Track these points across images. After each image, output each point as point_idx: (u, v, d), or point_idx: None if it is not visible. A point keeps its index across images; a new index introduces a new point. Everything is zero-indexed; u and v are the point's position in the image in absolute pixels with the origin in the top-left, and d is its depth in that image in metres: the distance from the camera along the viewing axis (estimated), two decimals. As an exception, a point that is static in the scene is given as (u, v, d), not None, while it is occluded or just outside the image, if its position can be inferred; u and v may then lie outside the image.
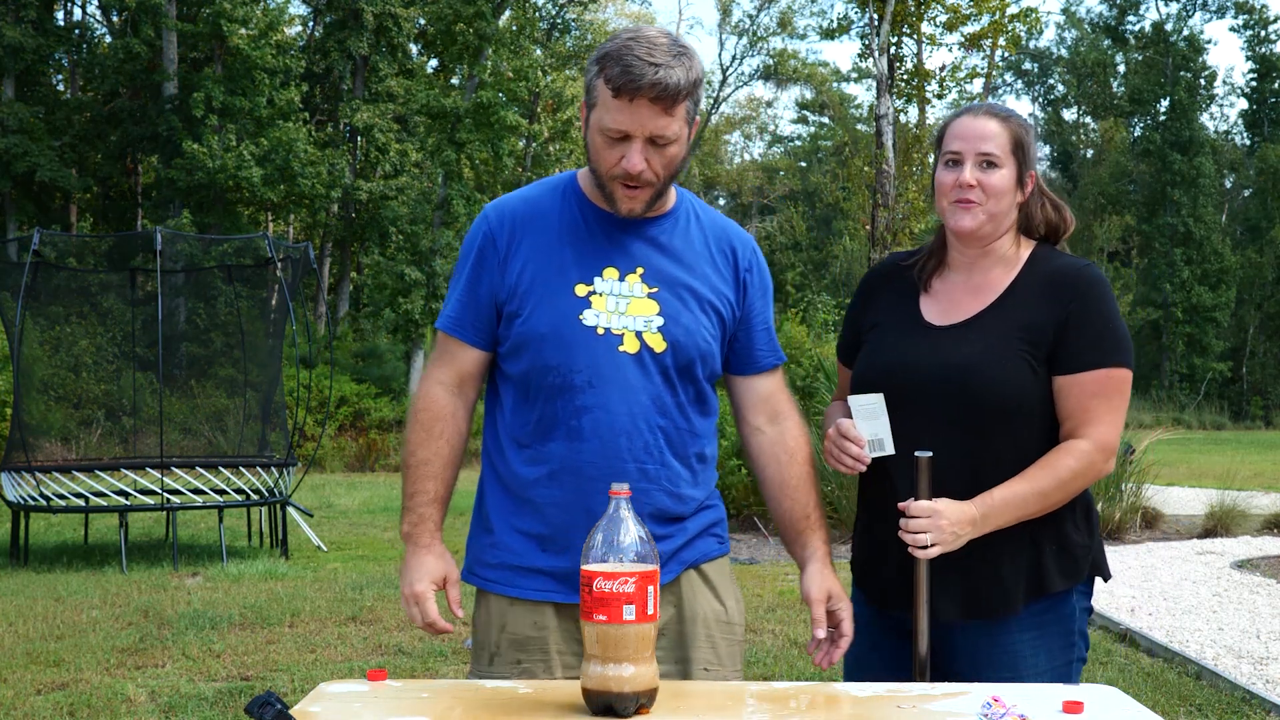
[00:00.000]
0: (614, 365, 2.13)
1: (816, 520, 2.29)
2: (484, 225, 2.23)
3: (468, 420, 2.25)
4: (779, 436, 2.31)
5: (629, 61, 2.01)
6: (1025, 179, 2.28)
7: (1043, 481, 2.17)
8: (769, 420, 2.33)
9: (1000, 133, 2.24)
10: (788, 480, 2.29)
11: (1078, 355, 2.20)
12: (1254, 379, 39.91)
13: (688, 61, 2.06)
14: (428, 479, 2.19)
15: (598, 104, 2.07)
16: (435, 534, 2.21)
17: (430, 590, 2.17)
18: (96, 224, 26.21)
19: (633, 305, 2.16)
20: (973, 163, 2.23)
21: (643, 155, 2.07)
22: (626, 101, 2.03)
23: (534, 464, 2.17)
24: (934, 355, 2.25)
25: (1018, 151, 2.25)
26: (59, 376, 18.17)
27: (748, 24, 41.31)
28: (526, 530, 2.19)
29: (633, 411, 2.14)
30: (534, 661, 2.18)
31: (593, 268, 2.16)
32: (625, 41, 2.05)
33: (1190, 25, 42.71)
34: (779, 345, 2.37)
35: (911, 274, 2.38)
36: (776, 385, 2.35)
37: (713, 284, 2.23)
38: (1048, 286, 2.25)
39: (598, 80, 2.06)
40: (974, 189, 2.22)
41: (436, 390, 2.23)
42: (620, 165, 2.07)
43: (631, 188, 2.11)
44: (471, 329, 2.21)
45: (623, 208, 2.14)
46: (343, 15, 27.60)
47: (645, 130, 2.05)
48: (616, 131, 2.06)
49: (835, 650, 2.22)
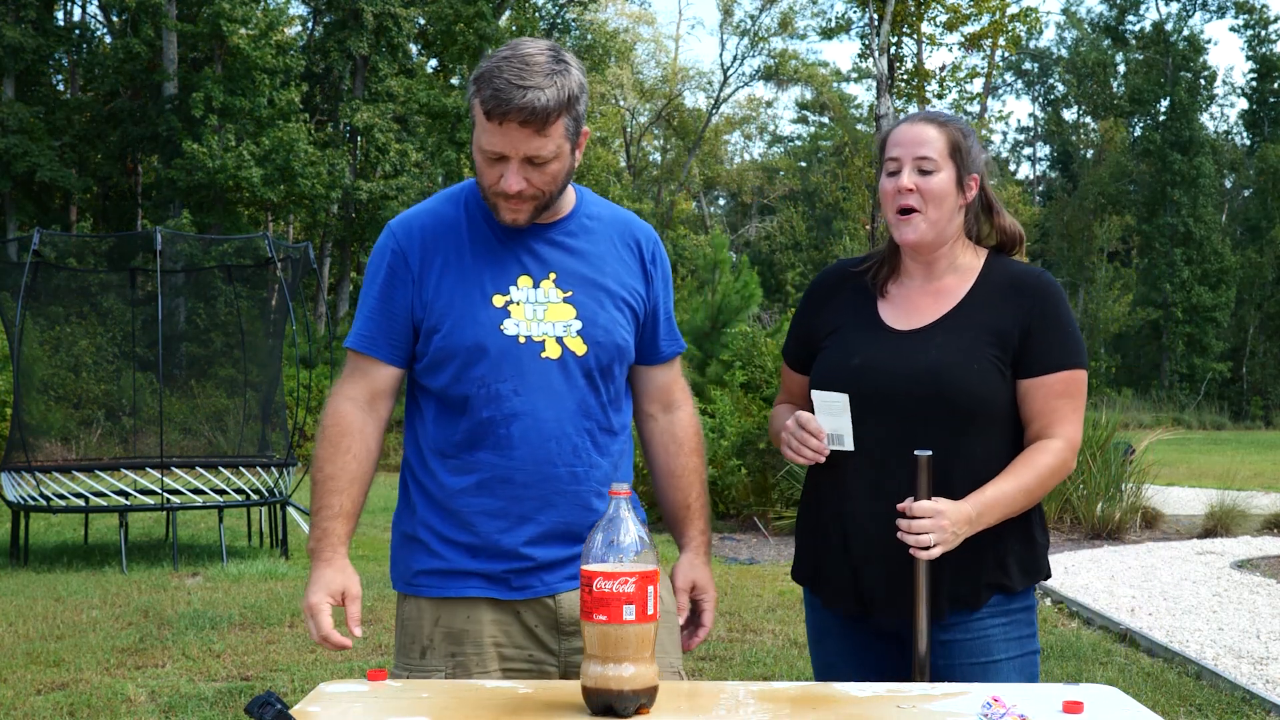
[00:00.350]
0: (538, 372, 2.16)
1: (698, 510, 2.36)
2: (392, 242, 2.22)
3: (378, 436, 2.24)
4: (670, 426, 2.37)
5: (498, 85, 2.02)
6: (966, 182, 2.31)
7: (1026, 479, 2.22)
8: (663, 409, 2.38)
9: (937, 137, 2.29)
10: (674, 469, 2.36)
11: (1043, 358, 2.25)
12: (1254, 379, 39.89)
13: (561, 79, 2.05)
14: (333, 494, 2.18)
15: (475, 124, 2.10)
16: (338, 548, 2.18)
17: (326, 604, 2.15)
18: (96, 224, 26.20)
19: (550, 311, 2.19)
20: (910, 168, 2.28)
21: (520, 175, 2.08)
22: (498, 124, 2.04)
23: (462, 474, 2.18)
24: (902, 358, 2.28)
25: (955, 155, 2.29)
26: (59, 376, 18.16)
27: (749, 24, 41.32)
28: (456, 540, 2.19)
29: (560, 416, 2.17)
30: (468, 654, 2.18)
31: (506, 277, 2.19)
32: (498, 61, 2.05)
33: (1190, 25, 42.71)
34: (679, 333, 2.43)
35: (864, 279, 2.42)
36: (674, 375, 2.40)
37: (622, 279, 2.27)
38: (1009, 292, 2.30)
39: (474, 100, 2.07)
40: (913, 194, 2.27)
41: (345, 406, 2.21)
42: (499, 184, 2.10)
43: (513, 202, 2.12)
44: (386, 346, 2.21)
45: (505, 218, 2.15)
46: (343, 15, 27.60)
47: (519, 151, 2.06)
48: (493, 152, 2.08)
49: (694, 638, 2.30)
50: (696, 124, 41.84)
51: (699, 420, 2.42)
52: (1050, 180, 50.11)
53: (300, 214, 26.34)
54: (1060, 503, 10.39)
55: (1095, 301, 39.06)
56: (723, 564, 8.93)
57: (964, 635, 2.27)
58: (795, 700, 1.89)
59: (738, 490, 11.02)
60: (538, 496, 2.17)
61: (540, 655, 2.21)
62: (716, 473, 10.85)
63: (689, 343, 13.71)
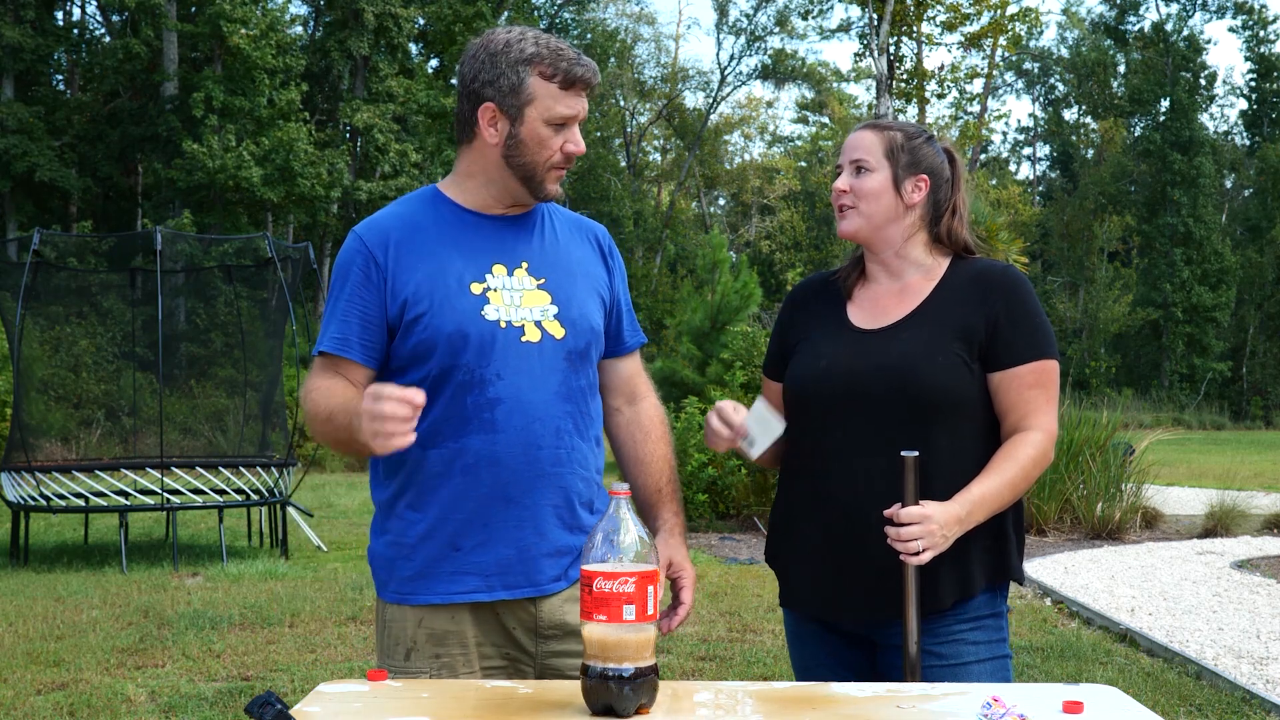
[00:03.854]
0: (520, 356, 2.20)
1: (669, 494, 2.39)
2: (360, 247, 2.24)
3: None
4: (635, 416, 2.42)
5: (566, 55, 2.19)
6: (907, 183, 2.36)
7: (1010, 473, 2.22)
8: (627, 401, 2.43)
9: (874, 140, 2.37)
10: (642, 456, 2.40)
11: (1013, 350, 2.27)
12: (1254, 379, 39.91)
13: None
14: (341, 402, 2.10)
15: (537, 99, 2.19)
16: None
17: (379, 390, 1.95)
18: (96, 224, 26.17)
19: (526, 297, 2.24)
20: (847, 170, 2.38)
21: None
22: (576, 91, 2.21)
23: (448, 461, 2.19)
24: (866, 357, 2.30)
25: (891, 156, 2.35)
26: (59, 376, 18.18)
27: (745, 23, 41.30)
28: (439, 531, 2.20)
29: (544, 399, 2.21)
30: (453, 655, 2.20)
31: (481, 266, 2.23)
32: (537, 40, 2.21)
33: (1190, 25, 42.73)
34: (639, 326, 2.48)
35: (836, 286, 2.47)
36: (636, 367, 2.46)
37: (589, 268, 2.35)
38: (974, 287, 2.33)
39: (531, 79, 2.18)
40: (846, 194, 2.37)
41: (316, 382, 2.20)
42: (565, 148, 2.22)
43: (561, 170, 2.25)
44: (359, 348, 2.21)
45: (553, 189, 2.26)
46: (343, 15, 27.60)
47: (585, 114, 2.25)
48: (564, 119, 2.20)
49: (674, 618, 2.28)
50: (696, 124, 41.84)
51: (663, 410, 2.48)
52: (1050, 180, 50.11)
53: (299, 214, 26.32)
54: (1060, 503, 10.39)
55: (1095, 301, 39.07)
56: (723, 564, 8.94)
57: (931, 641, 2.25)
58: (795, 700, 1.89)
59: (738, 490, 11.02)
60: (523, 479, 2.19)
61: (515, 654, 2.24)
62: (716, 473, 10.86)
63: (689, 343, 13.71)
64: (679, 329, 15.03)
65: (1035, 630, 6.59)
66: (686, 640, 6.22)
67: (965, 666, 2.26)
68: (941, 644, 2.26)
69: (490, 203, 2.28)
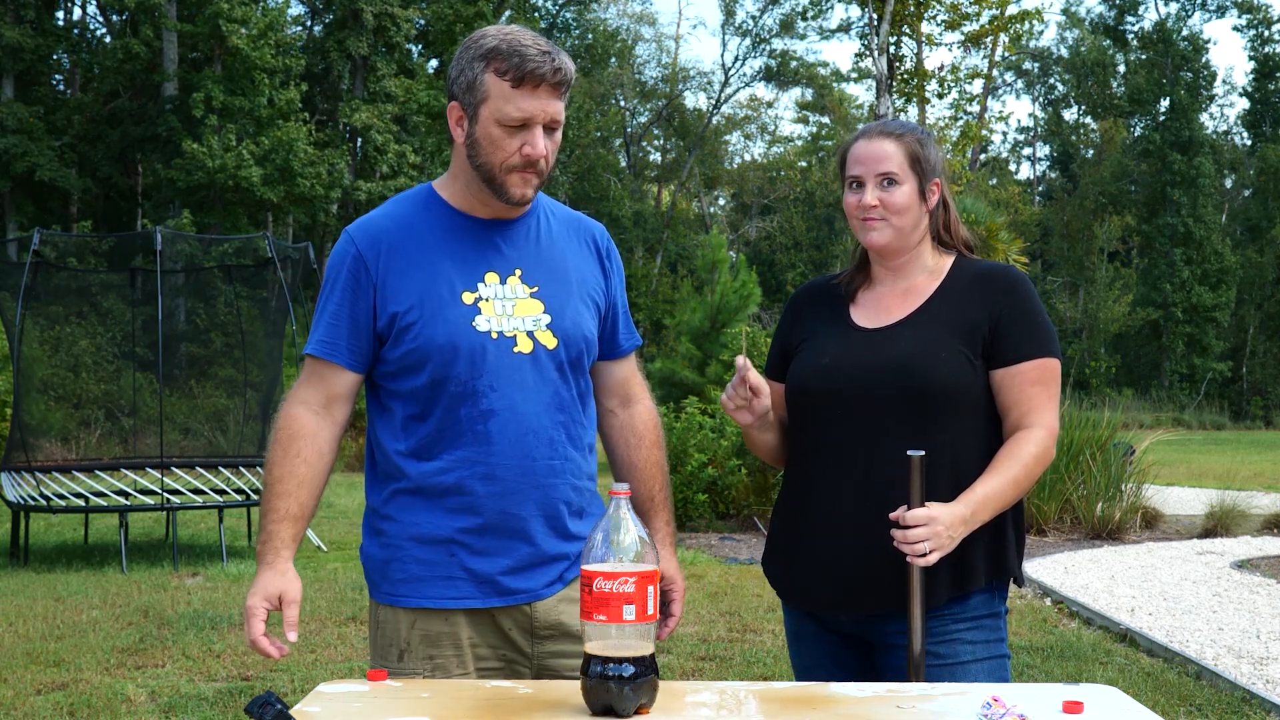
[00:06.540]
0: (512, 367, 2.17)
1: (661, 502, 2.38)
2: (351, 249, 2.21)
3: (332, 440, 2.22)
4: (629, 420, 2.40)
5: (527, 53, 2.09)
6: (928, 190, 2.36)
7: (1014, 471, 2.22)
8: (621, 404, 2.41)
9: (896, 151, 2.33)
10: (635, 461, 2.38)
11: (1016, 347, 2.28)
12: (1254, 379, 39.89)
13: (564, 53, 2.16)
14: (279, 497, 2.16)
15: (490, 98, 2.11)
16: (281, 552, 2.16)
17: (261, 608, 2.14)
18: (96, 224, 26.16)
19: (519, 306, 2.20)
20: (874, 184, 2.33)
21: (544, 139, 2.14)
22: (530, 89, 2.09)
23: (441, 474, 2.18)
24: (869, 354, 2.31)
25: (915, 166, 2.34)
26: (59, 376, 18.18)
27: (751, 25, 41.29)
28: (435, 540, 2.19)
29: (536, 410, 2.19)
30: (447, 657, 2.19)
31: (474, 274, 2.20)
32: (504, 36, 2.12)
33: (1190, 25, 42.71)
34: (635, 328, 2.46)
35: (839, 289, 2.47)
36: (631, 369, 2.43)
37: (584, 275, 2.30)
38: (976, 285, 2.34)
39: (485, 75, 2.11)
40: (876, 208, 2.32)
41: (298, 409, 2.20)
42: (522, 153, 2.12)
43: (528, 173, 2.15)
44: (346, 352, 2.20)
45: (516, 194, 2.16)
46: (342, 15, 27.60)
47: (546, 115, 2.12)
48: (519, 120, 2.11)
49: (663, 629, 2.28)
50: (697, 124, 41.83)
51: (658, 414, 2.45)
52: (1050, 180, 50.10)
53: (299, 214, 26.33)
54: (1060, 503, 10.39)
55: (1095, 301, 39.07)
56: (723, 564, 8.94)
57: (928, 640, 2.24)
58: (795, 700, 1.89)
59: (738, 490, 11.01)
60: (518, 490, 2.17)
61: (512, 655, 2.23)
62: (716, 473, 10.85)
63: (688, 343, 13.71)
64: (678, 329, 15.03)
65: (1035, 630, 6.59)
66: (686, 640, 6.22)
67: (962, 666, 2.26)
68: (939, 643, 2.26)
69: (475, 205, 2.23)
